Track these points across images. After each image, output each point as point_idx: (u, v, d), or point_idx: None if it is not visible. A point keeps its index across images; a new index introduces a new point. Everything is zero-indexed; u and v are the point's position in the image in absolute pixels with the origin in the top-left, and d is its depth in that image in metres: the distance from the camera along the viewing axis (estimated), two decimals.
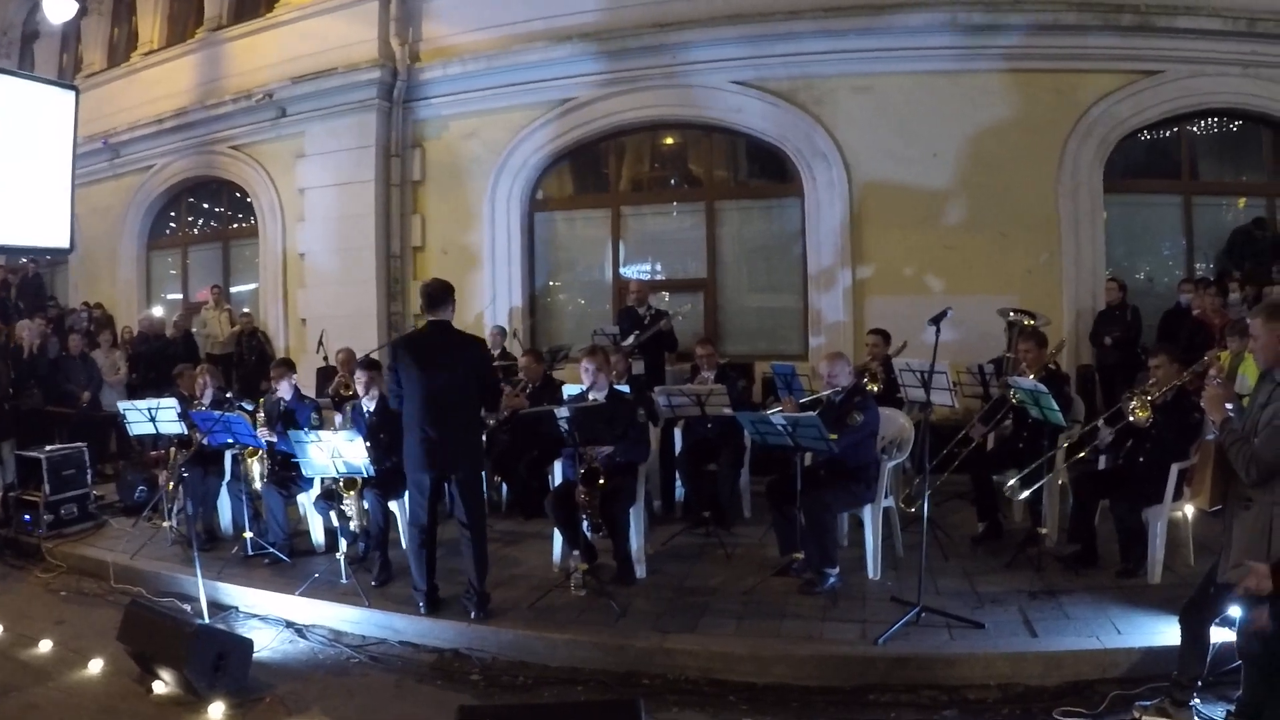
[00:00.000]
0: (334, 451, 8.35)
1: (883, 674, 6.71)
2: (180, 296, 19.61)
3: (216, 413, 9.56)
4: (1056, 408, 8.41)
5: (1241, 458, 5.25)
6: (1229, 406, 5.35)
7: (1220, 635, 5.90)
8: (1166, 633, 6.54)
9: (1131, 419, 7.71)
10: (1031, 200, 13.97)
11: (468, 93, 15.76)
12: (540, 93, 15.46)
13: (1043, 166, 14.00)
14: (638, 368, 12.56)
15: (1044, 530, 8.79)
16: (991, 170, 13.95)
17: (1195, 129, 14.84)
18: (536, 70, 15.29)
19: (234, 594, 8.72)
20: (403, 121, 16.17)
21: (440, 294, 7.95)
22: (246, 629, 8.07)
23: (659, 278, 16.00)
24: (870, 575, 8.39)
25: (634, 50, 14.84)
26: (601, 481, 8.18)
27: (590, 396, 9.05)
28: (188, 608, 8.19)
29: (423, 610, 7.82)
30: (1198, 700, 5.93)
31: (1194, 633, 5.92)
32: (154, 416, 10.17)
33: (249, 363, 16.63)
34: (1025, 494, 8.49)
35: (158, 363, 15.23)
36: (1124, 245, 14.88)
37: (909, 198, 14.13)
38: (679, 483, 10.96)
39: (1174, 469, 7.70)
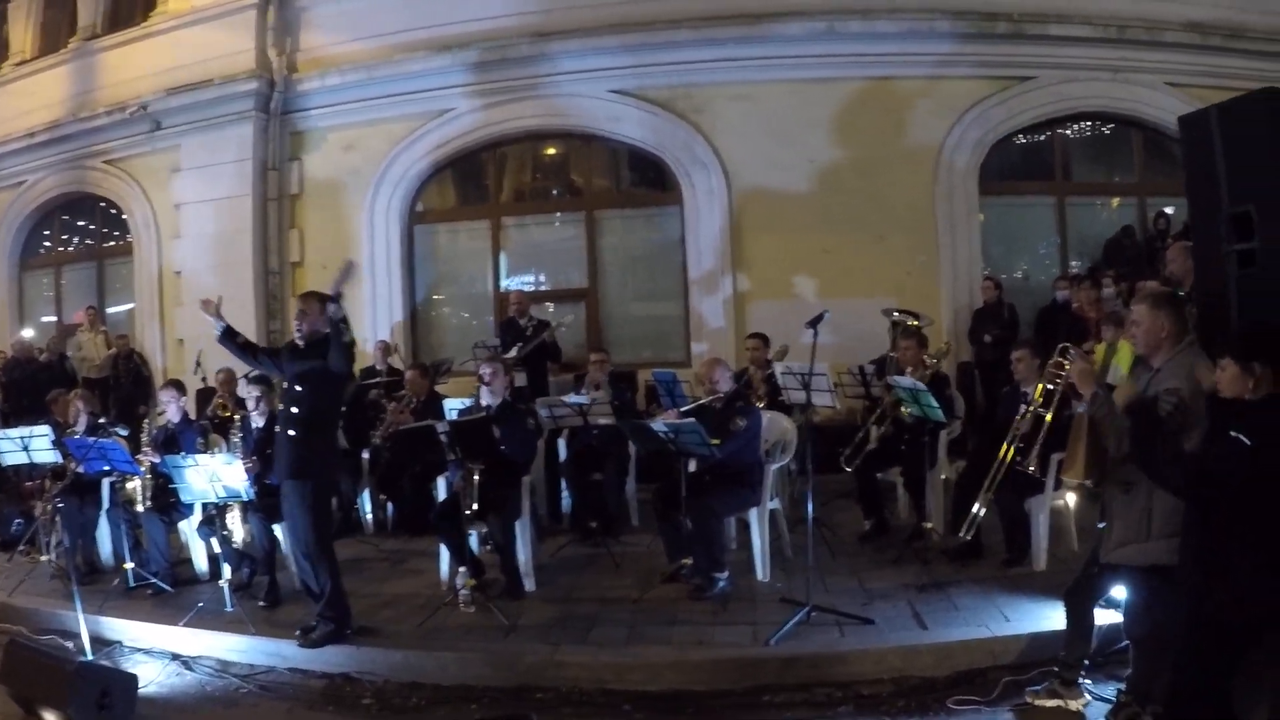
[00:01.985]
0: (212, 475, 8.12)
1: (776, 674, 6.73)
2: (54, 318, 18.90)
3: (91, 439, 9.18)
4: (936, 405, 8.57)
5: (1115, 430, 5.39)
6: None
7: (1105, 617, 6.05)
8: (1054, 618, 6.63)
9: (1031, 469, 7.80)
10: (908, 204, 14.21)
11: (346, 104, 15.47)
12: (419, 103, 15.25)
13: (919, 170, 14.27)
14: (520, 379, 12.47)
15: (929, 525, 8.96)
16: (868, 175, 14.14)
17: (1068, 132, 15.29)
18: (416, 80, 15.08)
19: (117, 628, 8.36)
20: (280, 134, 15.79)
21: None
22: (131, 664, 7.76)
23: (542, 288, 15.92)
24: (759, 577, 8.43)
25: (513, 60, 14.75)
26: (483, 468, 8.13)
27: (484, 402, 9.03)
28: (70, 645, 7.73)
29: (350, 631, 7.63)
30: (1087, 680, 6.08)
31: (1079, 615, 6.06)
32: (27, 446, 9.71)
33: (125, 386, 16.23)
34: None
35: (31, 389, 14.75)
36: (1001, 245, 15.23)
37: (788, 204, 14.25)
38: (565, 493, 10.92)
39: (1054, 459, 7.82)
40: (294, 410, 7.55)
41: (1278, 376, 4.72)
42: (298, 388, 7.56)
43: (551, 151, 16.16)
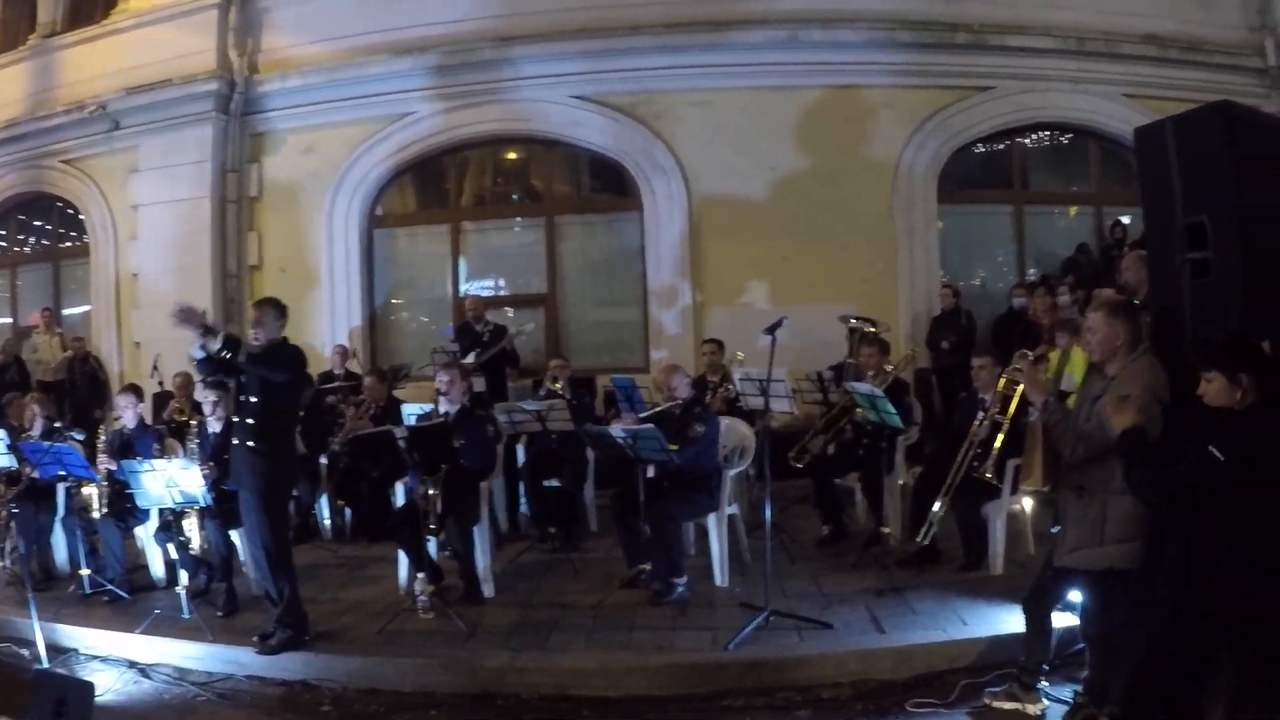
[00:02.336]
0: (169, 481, 8.05)
1: (736, 679, 6.76)
2: (10, 320, 18.57)
3: (46, 444, 9.04)
4: (894, 411, 8.63)
5: (1068, 436, 5.58)
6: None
7: (1062, 620, 6.13)
8: (1011, 621, 6.74)
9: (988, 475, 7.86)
10: (868, 212, 14.35)
11: (307, 106, 15.39)
12: (380, 106, 15.23)
13: (878, 179, 14.41)
14: (479, 385, 12.43)
15: (887, 530, 9.00)
16: (829, 183, 14.25)
17: (1026, 142, 15.50)
18: (376, 84, 15.05)
19: (73, 635, 8.18)
20: (240, 135, 15.66)
21: None
22: (87, 671, 7.58)
23: (502, 293, 15.90)
24: (718, 582, 8.43)
25: (475, 64, 14.75)
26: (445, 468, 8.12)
27: (442, 409, 9.02)
28: (25, 653, 7.64)
29: (309, 637, 7.57)
30: (1045, 683, 6.13)
31: (1036, 619, 6.13)
32: None
33: (81, 390, 16.05)
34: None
35: None
36: (959, 253, 15.38)
37: (748, 211, 14.34)
38: (524, 499, 10.91)
39: (1010, 465, 7.89)
40: (250, 420, 7.51)
41: (1261, 386, 4.90)
42: (253, 398, 7.52)
43: (512, 156, 16.16)
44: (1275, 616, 4.81)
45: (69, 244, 18.03)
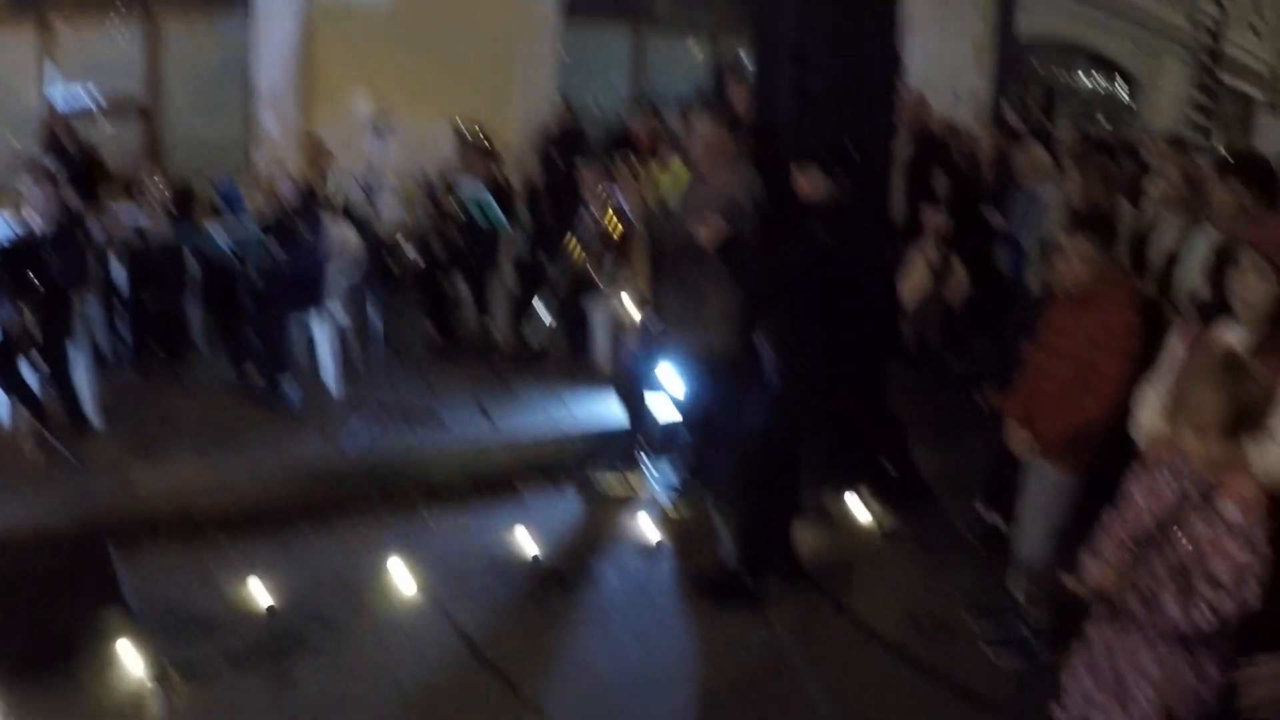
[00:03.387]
0: None
1: (355, 480, 6.99)
2: None
3: None
4: (499, 213, 9.12)
5: (670, 237, 6.26)
6: None
7: (662, 404, 6.73)
8: (615, 409, 7.27)
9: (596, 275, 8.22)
10: (489, 28, 14.32)
11: None
12: None
13: None
14: (73, 200, 11.66)
15: (495, 332, 9.52)
16: None
17: None
18: None
19: None
20: None
21: None
22: None
23: (97, 102, 14.80)
24: (330, 389, 8.53)
25: None
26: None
27: (34, 226, 8.42)
28: None
29: None
30: (647, 461, 6.77)
31: (634, 404, 6.79)
32: None
33: None
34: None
35: None
36: (578, 74, 15.53)
37: (365, 19, 13.89)
38: (123, 320, 10.44)
39: (609, 261, 8.24)
40: None
41: (846, 183, 5.67)
42: None
43: None
44: (848, 399, 5.62)
45: None
